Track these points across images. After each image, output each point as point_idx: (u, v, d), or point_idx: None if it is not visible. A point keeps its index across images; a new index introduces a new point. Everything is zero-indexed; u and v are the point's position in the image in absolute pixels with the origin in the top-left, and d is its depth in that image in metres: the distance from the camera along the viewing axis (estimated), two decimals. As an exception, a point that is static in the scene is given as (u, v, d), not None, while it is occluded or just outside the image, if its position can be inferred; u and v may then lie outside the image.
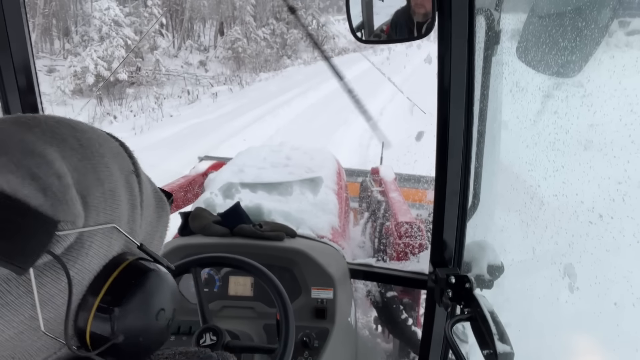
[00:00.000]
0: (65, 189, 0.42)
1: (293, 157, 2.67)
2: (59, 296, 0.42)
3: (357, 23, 1.29)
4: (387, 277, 1.77)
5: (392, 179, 3.26)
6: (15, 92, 1.39)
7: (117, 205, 0.47)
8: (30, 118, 0.47)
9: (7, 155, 0.41)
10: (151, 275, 0.48)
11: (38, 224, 0.39)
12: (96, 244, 0.44)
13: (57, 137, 0.45)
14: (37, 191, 0.40)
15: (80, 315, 0.44)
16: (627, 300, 1.26)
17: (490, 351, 1.10)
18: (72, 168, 0.44)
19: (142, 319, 0.47)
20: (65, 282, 0.42)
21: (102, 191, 0.46)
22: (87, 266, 0.44)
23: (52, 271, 0.41)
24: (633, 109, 0.99)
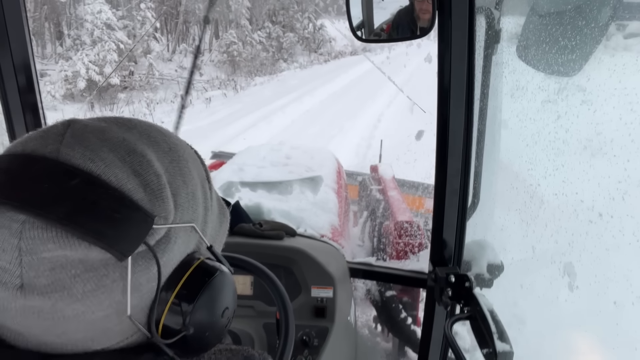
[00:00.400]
0: (162, 187, 0.47)
1: (293, 156, 2.67)
2: (145, 285, 0.46)
3: (357, 22, 1.28)
4: (387, 276, 1.77)
5: (391, 177, 3.26)
6: (16, 92, 1.39)
7: (197, 207, 0.52)
8: (127, 121, 0.52)
9: (113, 152, 0.46)
10: (221, 275, 0.52)
11: (139, 216, 0.44)
12: (179, 240, 0.49)
13: (151, 139, 0.51)
14: (139, 186, 0.45)
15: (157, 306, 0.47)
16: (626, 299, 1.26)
17: (490, 350, 1.10)
18: (165, 169, 0.49)
19: (211, 315, 0.51)
20: (152, 272, 0.46)
21: (186, 192, 0.50)
22: (170, 260, 0.48)
23: (144, 261, 0.45)
24: (633, 107, 0.99)
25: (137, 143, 0.48)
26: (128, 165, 0.45)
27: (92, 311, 0.43)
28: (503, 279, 1.37)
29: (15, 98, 1.39)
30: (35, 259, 0.41)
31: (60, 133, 0.46)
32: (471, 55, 1.15)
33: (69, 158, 0.44)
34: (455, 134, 1.22)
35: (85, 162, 0.44)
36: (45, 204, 0.41)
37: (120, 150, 0.46)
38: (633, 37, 1.12)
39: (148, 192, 0.45)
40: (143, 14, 18.69)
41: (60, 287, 0.42)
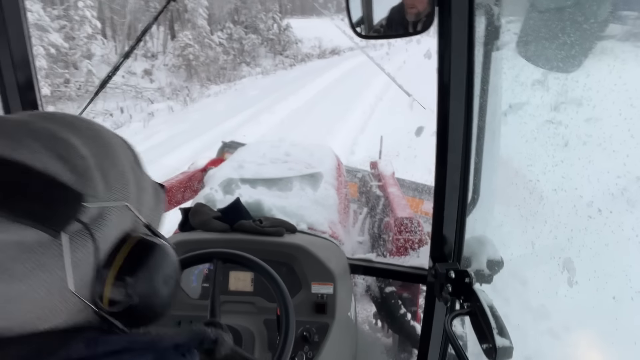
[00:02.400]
0: (88, 168, 0.49)
1: (292, 153, 2.67)
2: (84, 261, 0.48)
3: (356, 18, 1.28)
4: (387, 272, 1.78)
5: (390, 173, 3.26)
6: (15, 89, 1.39)
7: (127, 187, 0.54)
8: (51, 114, 0.54)
9: (37, 141, 0.48)
10: (159, 247, 0.55)
11: (68, 196, 0.47)
12: (113, 218, 0.51)
13: (75, 127, 0.53)
14: (65, 169, 0.47)
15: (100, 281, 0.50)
16: (625, 294, 1.27)
17: (490, 345, 1.11)
18: (91, 153, 0.51)
19: (153, 285, 0.54)
20: (90, 248, 0.48)
21: (115, 172, 0.53)
22: (107, 237, 0.50)
23: (80, 238, 0.47)
24: (632, 103, 0.99)
25: (61, 130, 0.51)
26: (52, 151, 0.48)
27: (35, 290, 0.45)
28: (503, 274, 1.38)
29: (15, 96, 1.39)
30: None
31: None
32: (471, 51, 1.15)
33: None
34: (455, 130, 1.22)
35: (10, 152, 0.46)
36: None
37: (43, 138, 0.48)
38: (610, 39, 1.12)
39: (75, 173, 0.48)
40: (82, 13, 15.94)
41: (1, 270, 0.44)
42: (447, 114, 1.21)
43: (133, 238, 0.53)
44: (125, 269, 0.51)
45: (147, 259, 0.53)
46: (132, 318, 0.53)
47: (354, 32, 1.28)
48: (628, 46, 1.15)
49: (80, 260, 0.47)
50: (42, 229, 0.44)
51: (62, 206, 0.46)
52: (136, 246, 0.52)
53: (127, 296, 0.51)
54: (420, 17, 1.15)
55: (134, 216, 0.54)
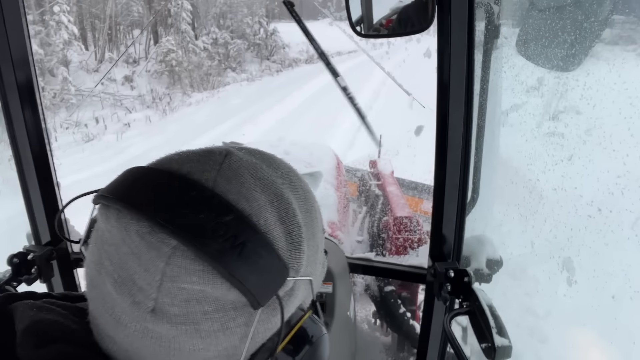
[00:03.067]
0: (301, 239, 0.46)
1: (292, 152, 2.67)
2: (262, 334, 0.45)
3: (356, 17, 1.28)
4: (386, 272, 1.78)
5: (390, 172, 3.27)
6: (15, 91, 1.39)
7: (316, 261, 0.51)
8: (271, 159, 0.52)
9: (264, 194, 0.45)
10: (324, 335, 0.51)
11: (279, 266, 0.43)
12: (300, 293, 0.48)
13: (293, 185, 0.50)
14: (283, 235, 0.45)
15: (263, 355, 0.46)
16: (625, 293, 1.27)
17: (489, 345, 1.11)
18: (304, 221, 0.48)
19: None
20: (272, 323, 0.45)
21: (314, 245, 0.50)
22: (290, 312, 0.47)
23: (268, 311, 0.44)
24: (632, 102, 0.99)
25: (284, 187, 0.48)
26: (276, 210, 0.45)
27: (208, 350, 0.43)
28: (502, 274, 1.38)
29: (15, 97, 1.39)
30: (175, 287, 0.41)
31: (218, 162, 0.46)
32: (471, 50, 1.14)
33: (225, 192, 0.43)
34: (454, 129, 1.21)
35: (240, 199, 0.43)
36: (200, 235, 0.40)
37: (270, 193, 0.46)
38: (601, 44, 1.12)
39: (289, 242, 0.45)
40: (57, 18, 15.08)
41: (189, 321, 0.41)
42: (447, 113, 1.21)
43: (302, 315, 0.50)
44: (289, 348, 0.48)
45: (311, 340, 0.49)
46: None
47: (353, 31, 1.28)
48: (597, 63, 1.15)
49: (259, 333, 0.45)
50: (247, 296, 0.41)
51: (272, 277, 0.43)
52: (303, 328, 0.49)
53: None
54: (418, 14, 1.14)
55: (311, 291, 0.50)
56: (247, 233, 0.42)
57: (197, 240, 0.40)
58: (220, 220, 0.41)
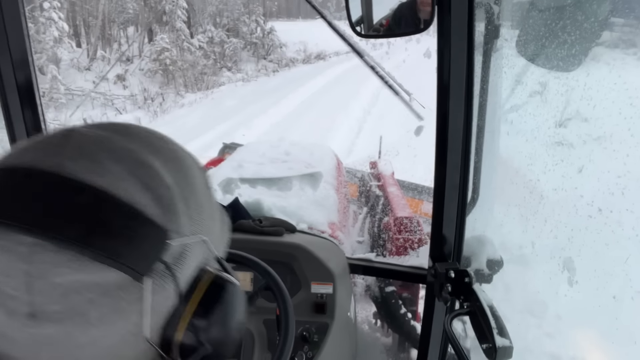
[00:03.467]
0: (174, 200, 0.44)
1: (292, 153, 2.67)
2: (162, 305, 0.43)
3: (356, 18, 1.28)
4: (387, 272, 1.78)
5: (390, 173, 3.27)
6: (15, 91, 1.39)
7: (205, 218, 0.49)
8: (125, 128, 0.48)
9: (120, 164, 0.42)
10: (234, 288, 0.50)
11: (154, 233, 0.41)
12: (192, 255, 0.46)
13: (156, 149, 0.47)
14: (151, 201, 0.42)
15: (172, 326, 0.45)
16: (626, 293, 1.27)
17: (490, 345, 1.11)
18: (174, 181, 0.45)
19: (227, 330, 0.48)
20: (169, 291, 0.43)
21: (195, 203, 0.47)
22: (185, 277, 0.45)
23: (160, 279, 0.42)
24: (632, 102, 0.99)
25: (143, 153, 0.45)
26: (137, 178, 0.42)
27: (108, 336, 0.41)
28: (503, 274, 1.38)
29: (15, 97, 1.39)
30: (47, 284, 0.38)
31: (60, 144, 0.43)
32: (471, 50, 1.14)
33: (74, 172, 0.40)
34: (454, 130, 1.22)
35: (92, 176, 0.40)
36: (56, 225, 0.38)
37: (126, 161, 0.43)
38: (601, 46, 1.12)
39: (160, 206, 0.42)
40: (48, 14, 14.58)
41: (74, 313, 0.39)
42: (447, 113, 1.21)
43: (208, 276, 0.47)
44: (199, 312, 0.46)
45: (222, 299, 0.48)
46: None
47: (353, 32, 1.28)
48: (596, 65, 1.15)
49: (159, 304, 0.43)
50: (126, 271, 0.39)
51: (149, 245, 0.41)
52: (211, 285, 0.47)
53: (199, 342, 0.46)
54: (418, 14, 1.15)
55: (208, 250, 0.49)
56: (107, 208, 0.39)
57: (54, 230, 0.38)
58: (73, 203, 0.39)
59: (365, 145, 8.46)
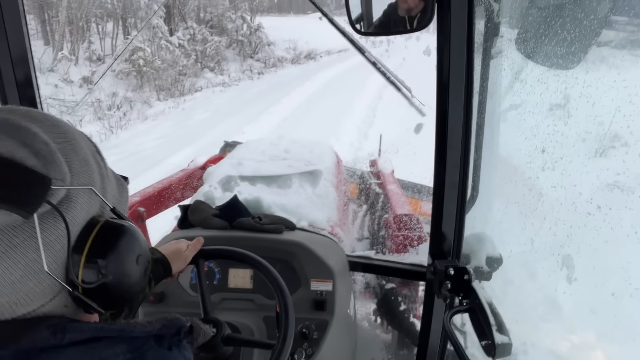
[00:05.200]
0: (52, 153, 0.51)
1: (292, 150, 2.67)
2: (56, 242, 0.49)
3: (355, 15, 1.28)
4: (386, 269, 1.78)
5: (390, 171, 3.27)
6: (14, 85, 1.39)
7: (91, 173, 0.56)
8: (8, 107, 0.56)
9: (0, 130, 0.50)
10: (127, 228, 0.57)
11: (36, 179, 0.48)
12: (81, 200, 0.53)
13: (34, 118, 0.55)
14: (30, 154, 0.49)
15: (73, 263, 0.51)
16: (624, 290, 1.27)
17: (489, 342, 1.11)
18: (52, 140, 0.53)
19: (124, 263, 0.56)
20: (61, 229, 0.50)
21: (78, 159, 0.54)
22: (76, 219, 0.52)
23: (50, 220, 0.49)
24: (632, 100, 0.99)
25: (21, 121, 0.52)
26: (15, 139, 0.49)
27: (10, 272, 0.47)
28: (502, 271, 1.38)
29: (14, 92, 1.39)
30: None
31: None
32: (470, 48, 1.14)
33: None
34: (454, 127, 1.22)
35: None
36: None
37: (5, 127, 0.50)
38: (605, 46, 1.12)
39: (40, 158, 0.49)
40: None
41: None
42: (447, 111, 1.21)
43: (101, 220, 0.54)
44: (96, 251, 0.52)
45: (116, 239, 0.54)
46: (108, 299, 0.54)
47: (353, 29, 1.28)
48: (601, 67, 1.15)
49: (53, 242, 0.49)
50: (13, 210, 0.46)
51: (32, 189, 0.47)
52: (104, 227, 0.54)
53: (100, 275, 0.52)
54: (413, 14, 1.14)
55: (101, 201, 0.56)
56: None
57: None
58: None
59: (376, 124, 8.26)
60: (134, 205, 2.30)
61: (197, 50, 18.36)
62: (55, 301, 0.51)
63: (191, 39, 18.59)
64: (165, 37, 17.05)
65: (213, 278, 1.59)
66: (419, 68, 5.48)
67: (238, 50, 21.38)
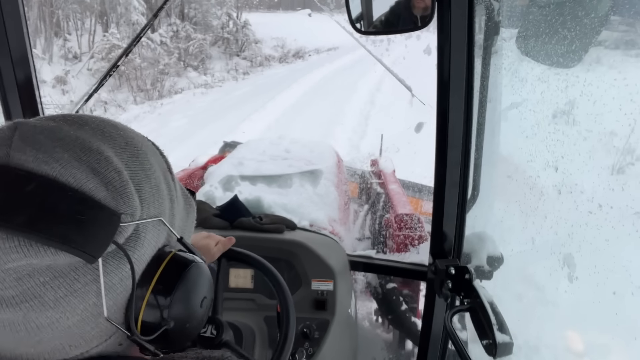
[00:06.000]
0: (124, 183, 0.45)
1: (292, 150, 2.67)
2: (119, 284, 0.45)
3: (356, 14, 1.28)
4: (387, 269, 1.78)
5: (391, 171, 3.27)
6: (14, 88, 1.39)
7: (162, 200, 0.51)
8: (77, 117, 0.49)
9: (68, 152, 0.43)
10: (195, 265, 0.51)
11: (104, 216, 0.42)
12: (149, 236, 0.47)
13: (106, 135, 0.48)
14: (100, 185, 0.43)
15: (134, 304, 0.46)
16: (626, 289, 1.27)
17: (490, 341, 1.11)
18: (125, 164, 0.47)
19: (189, 306, 0.51)
20: (125, 271, 0.45)
21: (150, 186, 0.49)
22: (142, 257, 0.47)
23: (115, 260, 0.44)
24: (633, 98, 0.99)
25: (92, 140, 0.46)
26: (85, 164, 0.43)
27: (67, 317, 0.42)
28: (503, 270, 1.38)
29: (14, 95, 1.39)
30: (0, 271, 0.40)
31: (7, 137, 0.44)
32: (471, 47, 1.14)
33: (21, 162, 0.41)
34: (454, 126, 1.22)
35: (39, 165, 0.41)
36: (2, 213, 0.39)
37: (75, 149, 0.44)
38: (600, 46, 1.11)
39: (110, 190, 0.44)
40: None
41: (30, 297, 0.41)
42: (447, 110, 1.21)
43: (167, 255, 0.49)
44: (160, 290, 0.48)
45: (182, 277, 0.50)
46: (166, 341, 0.50)
47: (353, 28, 1.28)
48: (598, 68, 1.14)
49: (115, 285, 0.44)
50: (77, 254, 0.41)
51: (99, 228, 0.42)
52: (171, 263, 0.49)
53: (162, 319, 0.48)
54: (427, 12, 1.14)
55: (168, 231, 0.51)
56: (55, 195, 0.41)
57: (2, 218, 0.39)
58: (22, 192, 0.40)
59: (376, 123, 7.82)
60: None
61: (180, 48, 17.56)
62: (110, 341, 0.47)
63: (175, 36, 17.76)
64: (147, 34, 14.72)
65: None
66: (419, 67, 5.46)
67: (224, 48, 20.37)
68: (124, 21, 16.03)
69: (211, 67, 18.14)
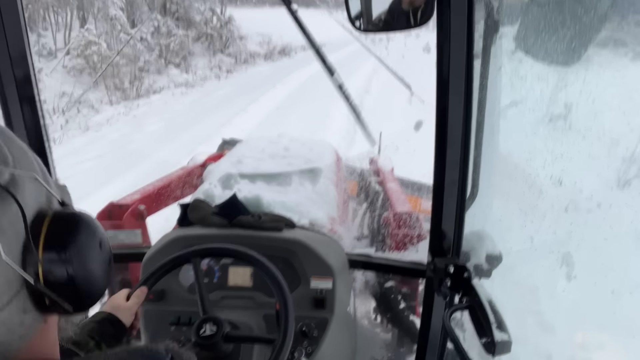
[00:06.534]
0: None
1: (291, 148, 2.67)
2: (9, 228, 0.45)
3: (355, 12, 1.27)
4: (386, 267, 1.78)
5: (389, 169, 3.27)
6: (13, 85, 1.38)
7: (32, 163, 0.53)
8: None
9: None
10: (81, 215, 0.54)
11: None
12: (27, 186, 0.49)
13: None
14: None
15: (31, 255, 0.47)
16: (624, 288, 1.27)
17: (488, 339, 1.11)
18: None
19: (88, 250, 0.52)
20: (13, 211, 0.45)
21: (16, 147, 0.52)
22: (26, 204, 0.47)
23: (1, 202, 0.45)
24: (632, 96, 0.99)
25: None
26: None
27: None
28: (501, 269, 1.38)
29: (13, 90, 1.39)
30: None
31: None
32: (470, 45, 1.14)
33: None
34: (454, 125, 1.21)
35: None
36: None
37: None
38: None
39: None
40: None
41: None
42: (446, 108, 1.20)
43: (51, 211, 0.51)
44: (54, 240, 0.49)
45: (72, 227, 0.51)
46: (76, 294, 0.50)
47: (352, 26, 1.28)
48: (590, 67, 1.14)
49: (6, 227, 0.45)
50: None
51: None
52: (58, 216, 0.50)
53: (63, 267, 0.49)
54: (416, 5, 1.14)
55: (47, 193, 0.52)
56: None
57: None
58: None
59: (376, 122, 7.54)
60: (134, 203, 2.30)
61: (161, 45, 16.64)
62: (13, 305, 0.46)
63: (155, 32, 16.89)
64: (125, 30, 15.31)
65: (213, 276, 1.59)
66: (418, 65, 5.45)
67: (207, 45, 19.42)
68: (102, 16, 15.31)
69: (194, 64, 17.36)
